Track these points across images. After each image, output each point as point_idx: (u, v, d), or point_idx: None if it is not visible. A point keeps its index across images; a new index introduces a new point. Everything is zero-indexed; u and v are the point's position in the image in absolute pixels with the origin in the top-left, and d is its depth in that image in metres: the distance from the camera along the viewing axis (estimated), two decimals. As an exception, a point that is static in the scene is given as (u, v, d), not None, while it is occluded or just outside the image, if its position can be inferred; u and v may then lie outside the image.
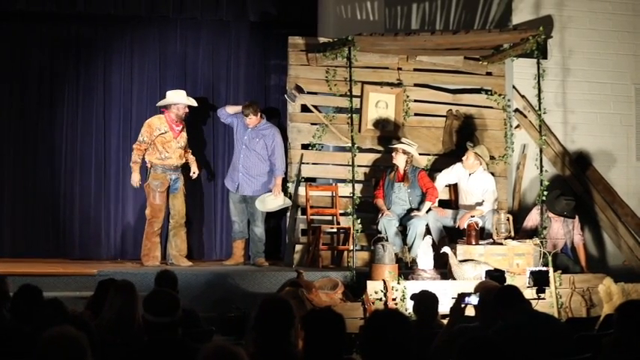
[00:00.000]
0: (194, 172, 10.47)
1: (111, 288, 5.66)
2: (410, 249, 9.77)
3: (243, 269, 9.91)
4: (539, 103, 9.98)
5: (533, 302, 6.49)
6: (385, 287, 8.73)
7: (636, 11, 11.85)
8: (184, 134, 10.34)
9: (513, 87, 11.24)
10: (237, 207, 10.44)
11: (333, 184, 10.65)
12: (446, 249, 9.08)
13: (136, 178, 10.15)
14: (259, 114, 10.39)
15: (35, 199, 11.23)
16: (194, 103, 10.40)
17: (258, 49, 11.72)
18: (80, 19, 11.29)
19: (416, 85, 11.01)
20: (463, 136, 10.91)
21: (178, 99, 10.26)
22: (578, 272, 9.77)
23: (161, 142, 10.13)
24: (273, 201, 10.27)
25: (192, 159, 10.50)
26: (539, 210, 9.95)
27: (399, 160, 10.14)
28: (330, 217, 10.54)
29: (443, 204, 10.58)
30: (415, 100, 10.95)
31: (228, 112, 10.55)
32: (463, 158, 10.26)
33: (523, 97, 11.24)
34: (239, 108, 10.45)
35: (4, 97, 11.24)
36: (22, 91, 11.27)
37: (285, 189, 10.48)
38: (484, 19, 11.41)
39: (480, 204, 10.08)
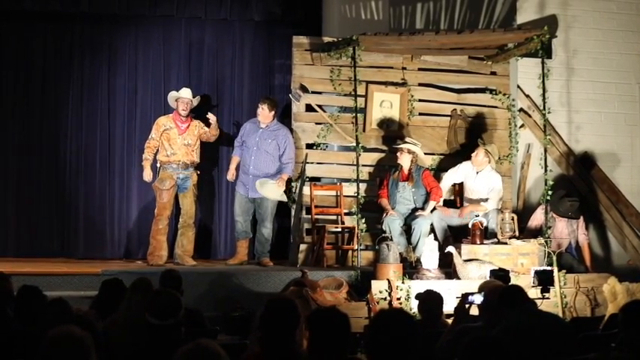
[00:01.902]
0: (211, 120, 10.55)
1: (129, 286, 5.68)
2: (414, 248, 9.76)
3: (247, 269, 9.90)
4: (544, 103, 9.98)
5: (538, 302, 6.50)
6: (390, 287, 8.73)
7: (640, 10, 11.85)
8: (194, 131, 10.34)
9: (518, 86, 11.23)
10: (242, 207, 10.41)
11: (338, 184, 10.65)
12: (450, 248, 9.08)
13: (146, 173, 10.21)
14: (273, 112, 10.37)
15: (39, 198, 11.25)
16: (191, 97, 10.39)
17: (263, 48, 11.73)
18: (84, 19, 11.31)
19: (420, 84, 11.01)
20: (468, 135, 10.91)
21: (183, 93, 10.34)
22: (582, 272, 9.76)
23: (167, 138, 10.22)
24: (274, 188, 10.19)
25: (211, 131, 10.57)
26: (544, 210, 9.95)
27: (404, 160, 10.14)
28: (334, 217, 10.54)
29: (447, 203, 10.58)
30: (420, 100, 10.95)
31: (237, 141, 10.57)
32: (472, 155, 10.24)
33: (527, 96, 11.23)
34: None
35: (8, 97, 11.26)
36: (27, 90, 11.29)
37: (289, 188, 10.49)
38: (488, 18, 11.41)
39: (484, 201, 10.08)
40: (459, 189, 10.63)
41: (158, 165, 10.30)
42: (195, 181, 10.32)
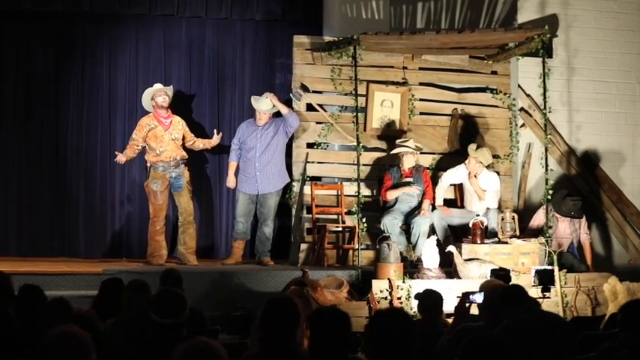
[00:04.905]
0: (215, 138, 10.55)
1: (126, 289, 5.68)
2: (414, 248, 9.77)
3: (248, 268, 9.90)
4: (545, 102, 9.97)
5: (539, 301, 6.49)
6: (390, 286, 8.73)
7: (641, 10, 11.84)
8: (178, 126, 10.30)
9: (518, 86, 11.23)
10: (245, 207, 10.39)
11: (339, 183, 10.65)
12: (451, 248, 9.08)
13: (120, 158, 10.22)
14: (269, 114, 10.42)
15: (40, 198, 11.26)
16: (163, 87, 10.37)
17: (264, 48, 11.74)
18: (85, 18, 11.32)
19: (421, 84, 11.00)
20: (468, 135, 10.91)
21: (152, 89, 10.32)
22: (583, 271, 9.76)
23: (153, 138, 10.14)
24: (267, 102, 10.32)
25: (203, 141, 10.52)
26: (545, 210, 9.95)
27: (411, 160, 10.15)
28: (335, 216, 10.54)
29: (448, 203, 10.58)
30: (420, 99, 10.94)
31: (234, 144, 10.48)
32: (466, 162, 10.26)
33: (528, 95, 11.23)
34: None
35: (9, 97, 11.28)
36: (27, 90, 11.30)
37: (289, 187, 10.54)
38: (489, 18, 11.41)
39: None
40: (460, 189, 10.64)
41: (148, 165, 10.27)
42: (187, 177, 10.28)
